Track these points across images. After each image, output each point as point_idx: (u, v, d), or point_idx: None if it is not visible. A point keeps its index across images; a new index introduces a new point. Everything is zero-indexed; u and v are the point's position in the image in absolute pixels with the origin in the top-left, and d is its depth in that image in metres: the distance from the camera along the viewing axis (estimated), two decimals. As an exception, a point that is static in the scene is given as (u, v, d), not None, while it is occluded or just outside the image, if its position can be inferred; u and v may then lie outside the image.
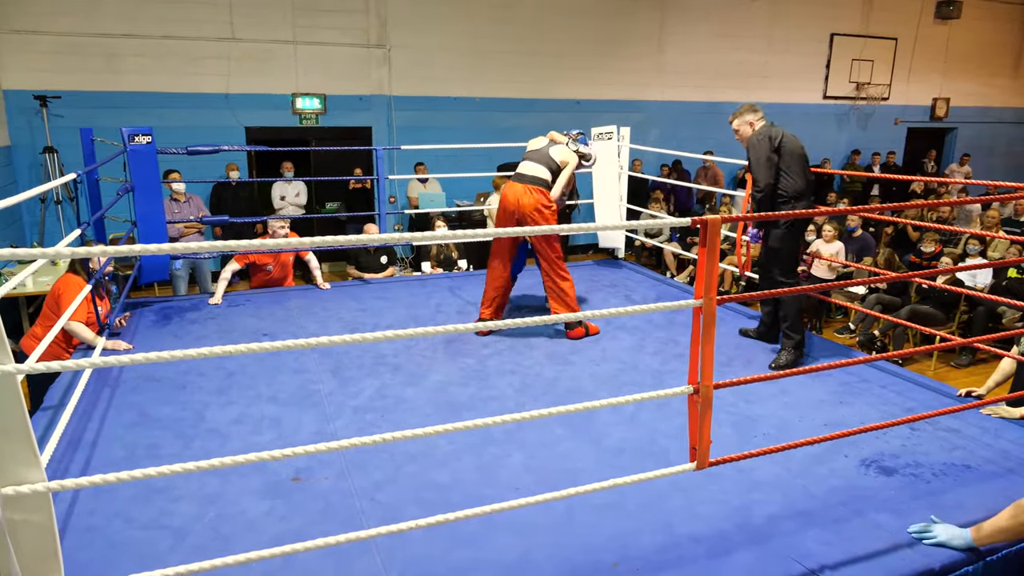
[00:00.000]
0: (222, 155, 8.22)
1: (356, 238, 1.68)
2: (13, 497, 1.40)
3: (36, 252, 1.41)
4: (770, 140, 3.76)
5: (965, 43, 12.97)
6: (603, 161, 6.13)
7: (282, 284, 5.48)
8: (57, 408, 3.17)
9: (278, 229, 5.28)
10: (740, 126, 3.99)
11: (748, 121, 3.95)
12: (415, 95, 9.32)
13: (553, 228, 2.02)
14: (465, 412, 3.25)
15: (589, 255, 9.91)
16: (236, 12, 8.27)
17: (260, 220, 6.26)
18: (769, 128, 3.84)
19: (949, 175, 12.37)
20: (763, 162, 3.76)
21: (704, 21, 10.83)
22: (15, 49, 7.47)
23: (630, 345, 4.16)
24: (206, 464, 1.59)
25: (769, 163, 3.75)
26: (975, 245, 6.53)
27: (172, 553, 2.21)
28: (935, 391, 3.53)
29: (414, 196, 8.71)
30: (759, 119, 3.95)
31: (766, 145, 3.76)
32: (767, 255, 3.98)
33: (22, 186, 7.64)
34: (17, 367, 1.36)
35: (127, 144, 4.45)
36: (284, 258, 5.47)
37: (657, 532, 2.33)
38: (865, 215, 7.42)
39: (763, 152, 3.76)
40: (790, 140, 3.83)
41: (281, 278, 5.47)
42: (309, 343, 1.72)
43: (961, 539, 2.22)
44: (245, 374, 3.65)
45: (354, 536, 1.73)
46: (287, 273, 5.52)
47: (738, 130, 4.01)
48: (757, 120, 3.94)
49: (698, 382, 2.05)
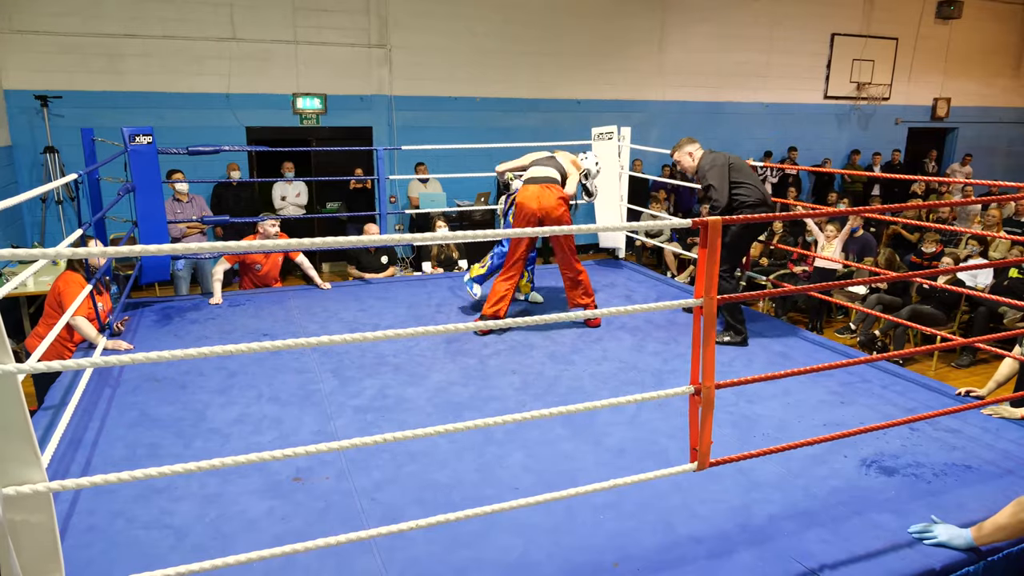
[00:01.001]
0: (223, 155, 8.23)
1: (357, 239, 1.68)
2: (14, 497, 1.40)
3: (37, 252, 1.41)
4: (722, 162, 4.12)
5: (966, 43, 12.97)
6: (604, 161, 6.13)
7: (272, 283, 5.48)
8: (58, 408, 3.18)
9: (269, 228, 5.29)
10: (681, 157, 4.31)
11: (687, 152, 4.28)
12: (416, 95, 9.32)
13: (554, 229, 2.02)
14: (466, 412, 3.25)
15: (590, 255, 9.91)
16: (237, 12, 8.27)
17: (260, 220, 6.25)
18: (713, 154, 4.19)
19: (950, 175, 12.36)
20: (723, 181, 4.05)
21: (705, 21, 10.83)
22: (16, 49, 7.47)
23: (631, 345, 4.16)
24: (207, 464, 1.59)
25: (725, 181, 4.06)
26: (975, 246, 6.53)
27: (173, 553, 2.21)
28: (936, 391, 3.52)
29: (415, 196, 8.71)
30: (697, 149, 4.29)
31: (721, 166, 4.10)
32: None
33: (23, 186, 7.65)
34: (17, 367, 1.36)
35: (128, 144, 4.46)
36: (274, 257, 5.48)
37: (657, 532, 2.33)
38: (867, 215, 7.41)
39: (721, 172, 4.07)
40: (736, 159, 4.22)
41: (272, 277, 5.47)
42: (310, 343, 1.72)
43: (962, 539, 2.22)
44: (246, 374, 3.65)
45: (355, 536, 1.73)
46: (276, 273, 5.52)
47: (679, 161, 4.33)
48: (696, 150, 4.29)
49: (699, 382, 2.06)
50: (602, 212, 6.25)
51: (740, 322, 4.17)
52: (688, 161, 4.29)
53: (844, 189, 11.82)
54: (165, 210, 4.95)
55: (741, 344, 4.13)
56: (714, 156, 4.18)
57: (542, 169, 4.47)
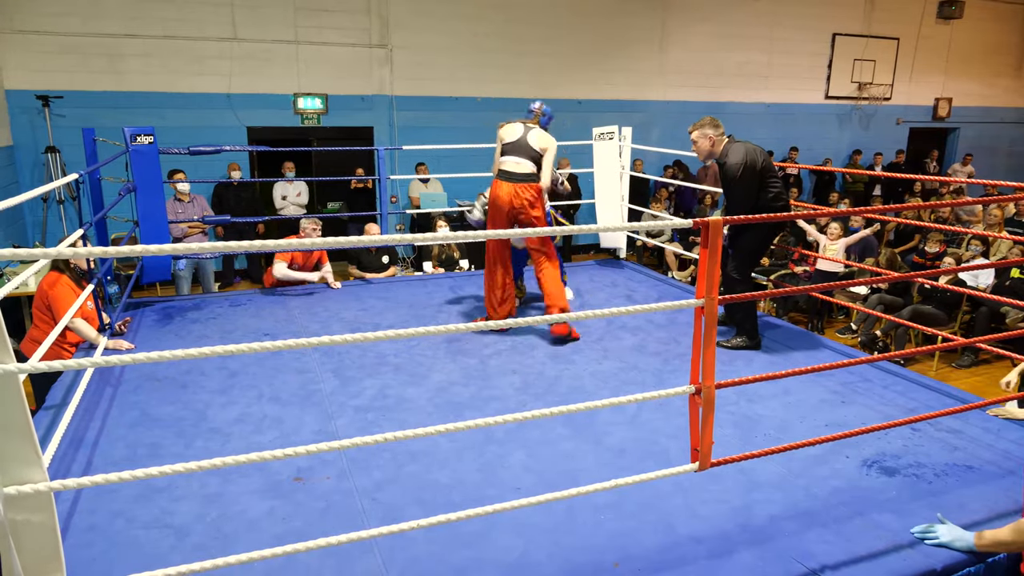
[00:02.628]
0: (224, 155, 8.23)
1: (358, 239, 1.68)
2: (15, 497, 1.40)
3: (38, 252, 1.41)
4: (752, 168, 3.79)
5: (967, 43, 12.96)
6: (605, 161, 6.14)
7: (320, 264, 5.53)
8: (59, 407, 3.18)
9: (312, 231, 5.35)
10: (699, 138, 3.95)
11: (708, 135, 3.91)
12: (416, 95, 9.32)
13: (555, 229, 2.01)
14: (466, 412, 3.25)
15: (591, 255, 9.91)
16: (238, 12, 8.28)
17: (261, 220, 6.27)
18: (743, 146, 3.83)
19: (951, 175, 12.35)
20: (747, 194, 3.82)
21: (706, 21, 10.82)
22: (17, 49, 7.48)
23: (631, 345, 4.16)
24: (208, 464, 1.59)
25: (752, 190, 3.82)
26: (977, 246, 6.52)
27: (174, 552, 2.21)
28: (937, 391, 3.52)
29: (416, 196, 8.72)
30: (721, 135, 3.92)
31: (750, 167, 3.79)
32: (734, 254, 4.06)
33: (24, 186, 7.66)
34: (19, 366, 1.36)
35: (129, 144, 4.46)
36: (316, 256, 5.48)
37: (658, 532, 2.33)
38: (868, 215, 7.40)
39: (749, 179, 3.80)
40: (764, 157, 3.88)
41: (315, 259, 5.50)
42: (311, 343, 1.72)
43: (963, 542, 2.21)
44: (247, 374, 3.65)
45: (355, 536, 1.73)
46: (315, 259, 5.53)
47: (696, 142, 3.97)
48: (718, 136, 3.91)
49: (699, 382, 2.05)
50: (603, 212, 6.25)
51: (754, 327, 4.04)
52: (705, 144, 3.92)
53: (845, 189, 11.81)
54: (166, 210, 4.95)
55: (754, 348, 4.03)
56: (745, 150, 3.79)
57: (516, 162, 4.19)
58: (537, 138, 4.25)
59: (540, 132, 4.30)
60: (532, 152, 4.21)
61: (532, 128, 4.29)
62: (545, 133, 4.31)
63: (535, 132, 4.28)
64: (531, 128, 4.29)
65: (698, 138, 3.95)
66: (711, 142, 3.91)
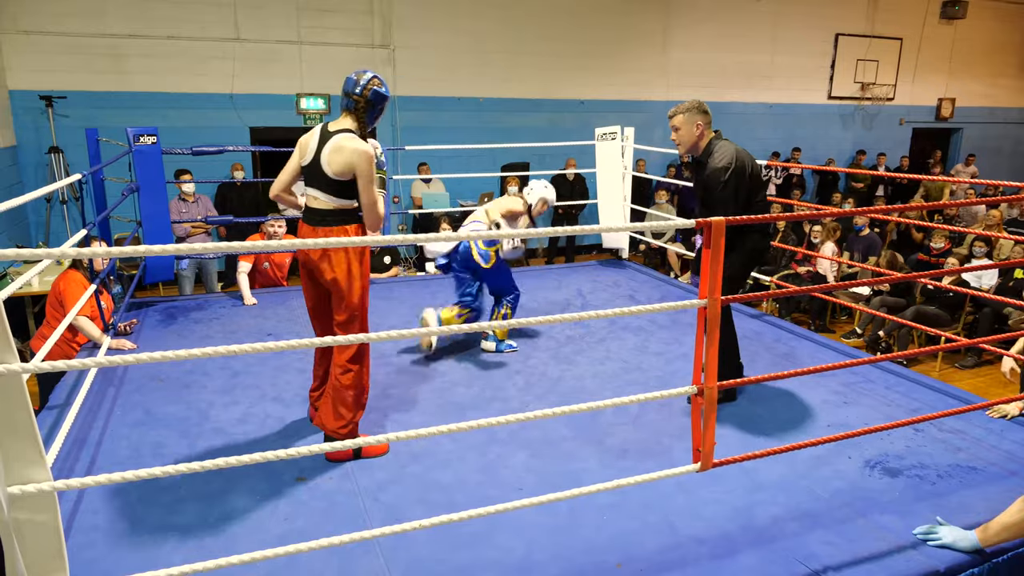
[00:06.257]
0: (227, 155, 8.25)
1: (360, 239, 1.68)
2: (19, 496, 1.40)
3: (41, 252, 1.41)
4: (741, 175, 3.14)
5: (971, 43, 12.93)
6: (607, 162, 6.14)
7: (281, 283, 5.49)
8: (63, 407, 3.19)
9: (278, 230, 5.30)
10: (684, 124, 3.24)
11: (696, 122, 3.22)
12: (419, 95, 9.32)
13: (556, 229, 2.01)
14: (469, 412, 3.26)
15: (593, 255, 9.90)
16: (241, 12, 8.29)
17: (264, 220, 6.26)
18: (732, 149, 3.18)
19: (955, 175, 12.33)
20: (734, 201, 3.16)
21: (708, 21, 10.81)
22: (21, 49, 7.49)
23: (634, 345, 4.16)
24: (211, 464, 1.59)
25: (737, 202, 3.16)
26: (980, 247, 6.51)
27: (176, 552, 2.21)
28: (940, 392, 3.52)
29: (418, 196, 8.72)
30: (708, 127, 3.26)
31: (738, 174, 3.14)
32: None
33: (28, 186, 7.67)
34: (22, 366, 1.36)
35: (132, 144, 4.47)
36: (279, 259, 5.48)
37: (660, 533, 2.33)
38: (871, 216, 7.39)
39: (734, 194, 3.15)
40: (753, 163, 3.23)
41: (280, 277, 5.49)
42: (313, 343, 1.73)
43: (967, 541, 2.21)
44: (249, 373, 3.65)
45: (358, 536, 1.74)
46: (284, 272, 5.54)
47: (679, 128, 3.27)
48: (706, 126, 3.24)
49: (702, 383, 2.05)
50: (605, 213, 6.25)
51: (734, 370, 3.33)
52: (691, 133, 3.24)
53: (848, 190, 11.79)
54: (170, 210, 4.96)
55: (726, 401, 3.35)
56: (735, 152, 3.16)
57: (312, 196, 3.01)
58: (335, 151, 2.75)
59: (345, 139, 2.73)
60: (327, 178, 2.80)
61: (337, 134, 2.77)
62: (354, 137, 2.74)
63: (337, 140, 2.74)
64: (335, 134, 2.77)
65: (682, 124, 3.24)
66: (698, 132, 3.23)
